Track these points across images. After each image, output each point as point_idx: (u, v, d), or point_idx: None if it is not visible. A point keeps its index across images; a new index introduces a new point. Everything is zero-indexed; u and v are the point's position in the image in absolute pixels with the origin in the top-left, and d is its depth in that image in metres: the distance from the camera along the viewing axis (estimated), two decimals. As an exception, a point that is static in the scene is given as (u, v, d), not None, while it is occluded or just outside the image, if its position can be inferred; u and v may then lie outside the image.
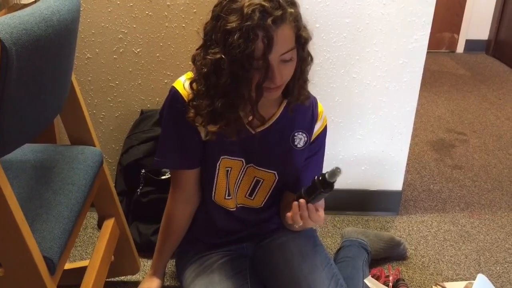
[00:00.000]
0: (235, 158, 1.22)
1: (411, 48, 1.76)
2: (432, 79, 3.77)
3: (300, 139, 1.24)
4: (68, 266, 1.54)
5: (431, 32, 1.75)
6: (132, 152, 1.71)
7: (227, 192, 1.28)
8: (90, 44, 1.74)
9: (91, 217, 1.90)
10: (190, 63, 1.75)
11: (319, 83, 1.79)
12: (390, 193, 2.02)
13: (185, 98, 1.15)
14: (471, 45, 4.59)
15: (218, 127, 1.11)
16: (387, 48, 1.76)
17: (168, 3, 1.69)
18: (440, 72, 4.01)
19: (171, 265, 1.68)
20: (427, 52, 1.79)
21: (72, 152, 1.31)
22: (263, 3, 0.97)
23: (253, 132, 1.19)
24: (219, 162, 1.22)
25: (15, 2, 1.41)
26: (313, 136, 1.27)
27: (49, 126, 1.78)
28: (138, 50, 1.75)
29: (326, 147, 1.33)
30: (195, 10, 1.70)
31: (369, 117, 1.87)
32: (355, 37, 1.74)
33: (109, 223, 1.43)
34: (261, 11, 0.96)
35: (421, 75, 1.81)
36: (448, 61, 4.34)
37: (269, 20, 0.97)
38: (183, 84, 1.16)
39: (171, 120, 1.22)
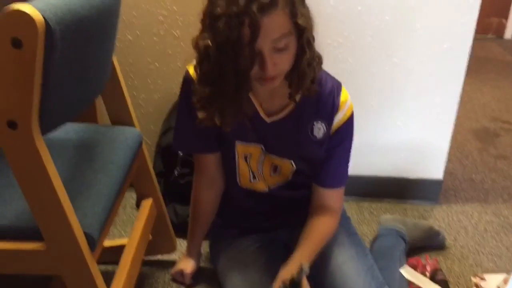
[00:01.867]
0: (250, 143, 1.21)
1: (457, 32, 1.69)
2: (478, 66, 3.64)
3: (319, 129, 1.19)
4: (107, 243, 1.58)
5: (478, 16, 1.68)
6: (170, 134, 1.73)
7: (251, 175, 1.27)
8: (131, 27, 1.75)
9: (130, 197, 1.93)
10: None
11: (360, 68, 1.75)
12: (430, 182, 1.97)
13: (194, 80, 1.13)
14: (520, 30, 4.40)
15: (205, 115, 1.10)
16: (432, 31, 1.70)
17: (208, -15, 1.68)
18: (487, 58, 3.87)
19: (207, 246, 1.70)
20: (473, 37, 1.72)
21: (112, 132, 1.33)
22: None
23: (267, 121, 1.18)
24: (235, 146, 1.22)
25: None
26: (333, 128, 1.20)
27: (91, 106, 1.82)
28: (178, 32, 1.76)
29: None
30: (235, -7, 1.69)
31: (410, 104, 1.83)
32: (398, 20, 1.69)
33: (147, 203, 1.46)
34: None
35: (467, 61, 1.74)
36: (495, 47, 4.18)
37: (255, 7, 0.91)
38: (194, 66, 1.16)
39: (183, 103, 1.22)
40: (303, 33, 1.00)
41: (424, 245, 1.71)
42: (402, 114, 1.85)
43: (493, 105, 3.01)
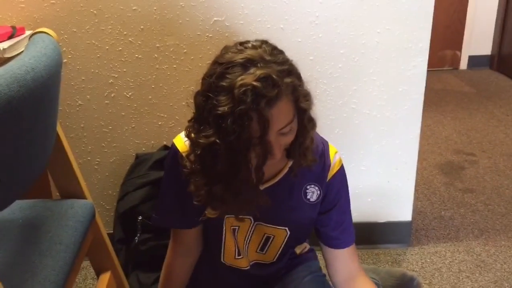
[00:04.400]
0: (230, 216, 1.14)
1: (410, 75, 1.71)
2: (437, 98, 3.71)
3: (312, 193, 1.14)
4: (64, 324, 1.48)
5: (432, 51, 1.70)
6: (128, 198, 1.66)
7: (236, 251, 1.21)
8: (81, 91, 1.70)
9: (90, 267, 1.83)
10: (183, 103, 1.73)
11: (318, 116, 1.72)
12: (400, 224, 1.94)
13: (184, 161, 1.05)
14: (474, 61, 4.54)
15: (218, 213, 1.05)
16: (385, 76, 1.71)
17: (157, 45, 1.66)
18: (445, 90, 3.95)
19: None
20: (430, 71, 1.74)
21: (61, 207, 1.25)
22: (255, 83, 0.86)
23: (260, 188, 1.10)
24: (224, 221, 1.15)
25: (-1, 56, 1.38)
26: (325, 182, 1.15)
27: (43, 179, 1.74)
28: (130, 93, 1.72)
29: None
30: (185, 50, 1.67)
31: (371, 148, 1.81)
32: (351, 67, 1.69)
33: (105, 277, 1.37)
34: (253, 93, 0.86)
35: (423, 101, 1.75)
36: (452, 78, 4.28)
37: (263, 103, 0.87)
38: (183, 141, 1.09)
39: (171, 179, 1.16)
40: (305, 114, 0.98)
41: (399, 293, 1.65)
42: (364, 159, 1.83)
43: (455, 137, 3.04)
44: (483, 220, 2.13)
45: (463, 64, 4.56)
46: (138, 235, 1.66)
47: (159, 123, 1.76)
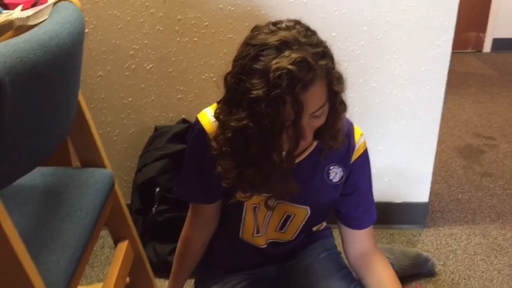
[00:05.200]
0: (262, 194, 1.13)
1: (434, 54, 1.68)
2: (459, 81, 3.65)
3: (335, 174, 1.13)
4: (82, 289, 1.52)
5: (455, 32, 1.66)
6: (146, 170, 1.68)
7: (255, 229, 1.21)
8: (102, 62, 1.71)
9: (108, 236, 1.87)
10: (203, 77, 1.73)
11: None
12: (416, 205, 1.93)
13: (210, 137, 1.05)
14: (498, 44, 4.44)
15: (248, 195, 1.04)
16: (408, 55, 1.68)
17: (179, 17, 1.65)
18: (467, 73, 3.88)
19: (189, 286, 1.63)
20: (452, 53, 1.70)
21: (82, 176, 1.27)
22: (290, 67, 0.84)
23: None
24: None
25: (21, 23, 1.39)
26: (349, 164, 1.15)
27: (64, 148, 1.76)
28: (150, 66, 1.72)
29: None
30: (206, 23, 1.66)
31: (391, 127, 1.80)
32: (374, 45, 1.67)
33: (122, 246, 1.39)
34: (289, 77, 0.84)
35: (446, 82, 1.72)
36: (475, 61, 4.20)
37: (298, 87, 0.85)
38: (209, 119, 1.08)
39: (194, 155, 1.15)
40: (337, 96, 0.97)
41: (413, 273, 1.66)
42: (383, 138, 1.82)
43: (475, 121, 3.00)
44: (500, 204, 2.11)
45: (487, 47, 4.47)
46: (155, 206, 1.68)
47: (179, 96, 1.76)
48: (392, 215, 1.94)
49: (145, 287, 1.54)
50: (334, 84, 0.93)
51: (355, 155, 1.14)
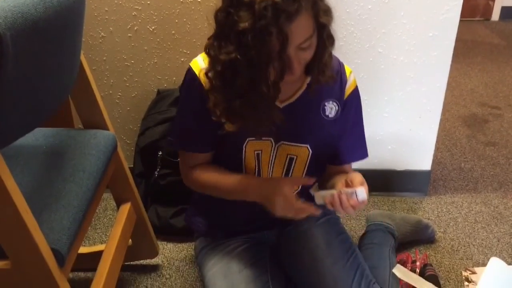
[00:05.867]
0: (262, 139, 1.16)
1: (442, 20, 1.64)
2: (465, 50, 3.60)
3: (331, 109, 1.18)
4: (85, 250, 1.53)
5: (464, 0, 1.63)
6: (148, 134, 1.67)
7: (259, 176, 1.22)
8: (104, 23, 1.68)
9: (111, 199, 1.87)
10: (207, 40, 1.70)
11: (343, 59, 1.68)
12: (418, 173, 1.93)
13: (202, 82, 1.09)
14: (507, 12, 4.36)
15: (236, 126, 1.05)
16: (416, 20, 1.64)
17: (182, -23, 1.61)
18: (474, 41, 3.82)
19: (190, 248, 1.65)
20: (460, 21, 1.66)
21: (84, 137, 1.27)
22: None
23: (280, 106, 1.13)
24: (245, 144, 1.16)
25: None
26: (343, 99, 1.19)
27: (66, 109, 1.75)
28: (153, 27, 1.69)
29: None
30: (211, -16, 1.62)
31: (396, 94, 1.78)
32: (381, 9, 1.63)
33: (125, 208, 1.40)
34: (274, 8, 0.87)
35: (453, 48, 1.69)
36: (483, 29, 4.13)
37: (283, 17, 0.88)
38: (199, 65, 1.11)
39: (187, 101, 1.17)
40: (324, 29, 0.98)
41: (413, 239, 1.67)
42: (388, 105, 1.80)
43: (481, 90, 2.97)
44: (503, 173, 2.11)
45: (495, 15, 4.39)
46: (158, 170, 1.68)
47: (182, 59, 1.74)
48: (394, 182, 1.94)
49: (147, 250, 1.56)
50: (320, 16, 0.96)
51: (348, 90, 1.19)
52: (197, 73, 1.11)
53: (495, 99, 2.84)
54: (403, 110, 1.81)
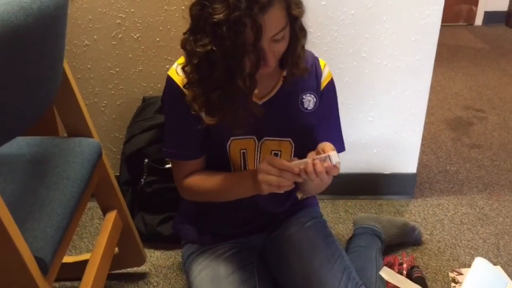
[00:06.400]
0: (245, 137, 1.18)
1: (424, 24, 1.66)
2: (449, 54, 3.64)
3: (309, 101, 1.20)
4: (71, 259, 1.52)
5: (447, 5, 1.65)
6: (134, 141, 1.67)
7: None
8: (88, 31, 1.68)
9: (97, 208, 1.86)
10: (183, 35, 1.71)
11: (327, 64, 1.71)
12: (404, 176, 1.95)
13: (180, 85, 1.11)
14: (490, 17, 4.42)
15: (216, 119, 1.06)
16: (398, 24, 1.66)
17: (166, -16, 1.62)
18: (458, 46, 3.87)
19: (178, 255, 1.64)
20: (444, 26, 1.69)
21: (68, 145, 1.26)
22: None
23: (259, 103, 1.15)
24: (228, 143, 1.17)
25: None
26: (320, 91, 1.21)
27: (50, 118, 1.74)
28: (137, 35, 1.69)
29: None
30: (194, -9, 1.62)
31: (380, 98, 1.79)
32: (364, 14, 1.65)
33: (111, 216, 1.40)
34: (247, 0, 0.90)
35: (435, 52, 1.71)
36: (466, 34, 4.19)
37: (256, 8, 0.91)
38: (175, 70, 1.13)
39: (171, 110, 1.19)
40: (297, 21, 1.02)
41: (400, 242, 1.68)
42: (372, 109, 1.81)
43: (465, 93, 3.00)
44: (488, 175, 2.13)
45: (479, 20, 4.45)
46: (144, 177, 1.67)
47: (167, 66, 1.74)
48: (381, 185, 1.96)
49: (134, 258, 1.55)
50: (292, 8, 0.99)
51: (324, 82, 1.21)
52: (175, 79, 1.12)
53: (479, 102, 2.88)
54: (388, 114, 1.82)
